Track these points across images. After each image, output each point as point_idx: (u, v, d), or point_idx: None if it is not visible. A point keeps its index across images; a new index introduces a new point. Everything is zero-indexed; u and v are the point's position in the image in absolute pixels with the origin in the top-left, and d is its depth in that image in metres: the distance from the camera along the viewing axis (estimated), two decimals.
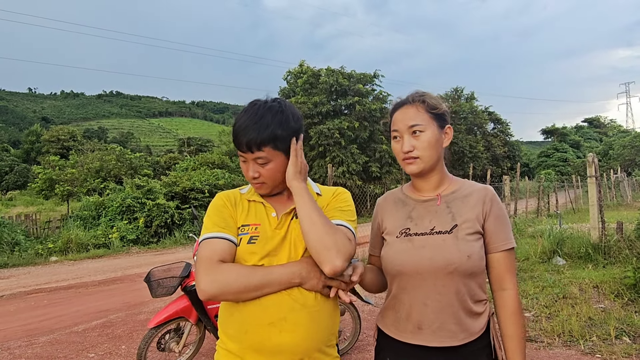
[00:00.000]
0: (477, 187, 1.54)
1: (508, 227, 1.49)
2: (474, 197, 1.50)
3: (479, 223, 1.46)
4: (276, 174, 1.41)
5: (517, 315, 1.46)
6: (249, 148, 1.36)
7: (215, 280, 1.28)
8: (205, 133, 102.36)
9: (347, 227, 1.40)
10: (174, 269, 3.82)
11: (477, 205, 1.48)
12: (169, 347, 3.75)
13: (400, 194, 1.62)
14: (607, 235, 7.19)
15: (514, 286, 1.47)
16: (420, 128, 1.45)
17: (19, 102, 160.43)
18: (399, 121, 1.49)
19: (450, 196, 1.52)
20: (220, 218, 1.42)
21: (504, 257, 1.46)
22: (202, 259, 1.32)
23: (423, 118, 1.46)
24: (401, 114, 1.49)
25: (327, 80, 24.55)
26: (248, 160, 1.40)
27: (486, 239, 1.47)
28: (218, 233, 1.37)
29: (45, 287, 8.55)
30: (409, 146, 1.45)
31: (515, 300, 1.46)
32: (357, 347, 4.21)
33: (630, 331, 4.17)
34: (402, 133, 1.47)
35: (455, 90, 46.14)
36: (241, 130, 1.37)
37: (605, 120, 79.55)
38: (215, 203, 1.48)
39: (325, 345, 1.39)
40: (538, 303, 5.23)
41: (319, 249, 1.28)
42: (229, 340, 1.37)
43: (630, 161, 41.16)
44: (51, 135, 48.46)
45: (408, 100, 1.51)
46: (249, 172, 1.41)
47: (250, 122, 1.37)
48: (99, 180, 20.92)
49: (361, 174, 23.76)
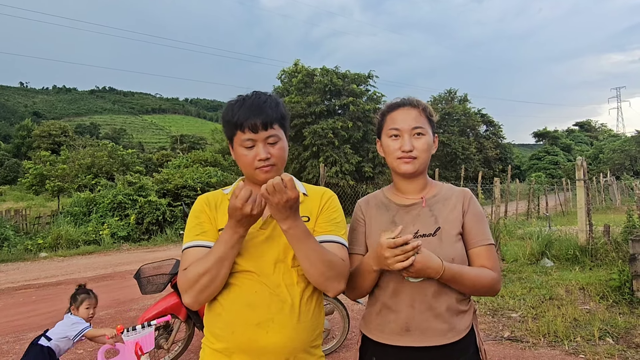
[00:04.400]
0: (456, 190, 1.59)
1: (486, 226, 1.54)
2: (454, 199, 1.55)
3: (460, 223, 1.50)
4: (284, 155, 1.45)
5: (485, 276, 1.43)
6: (264, 126, 1.37)
7: (184, 287, 1.34)
8: (199, 131, 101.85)
9: (342, 243, 1.44)
10: (164, 266, 3.84)
11: (457, 207, 1.53)
12: (158, 343, 3.76)
13: (383, 198, 1.63)
14: (594, 238, 7.29)
15: (496, 271, 1.47)
16: (422, 131, 1.50)
17: (10, 97, 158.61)
18: (400, 120, 1.51)
19: (432, 199, 1.56)
20: (197, 225, 1.44)
21: (483, 250, 1.49)
22: (179, 275, 1.39)
23: (424, 122, 1.53)
24: (403, 114, 1.52)
25: (321, 80, 24.56)
26: (258, 142, 1.39)
27: (465, 236, 1.51)
28: (193, 241, 1.41)
29: (34, 283, 8.50)
30: (410, 145, 1.49)
31: (493, 277, 1.45)
32: (345, 345, 4.24)
33: (613, 332, 4.25)
34: (404, 132, 1.50)
35: (449, 92, 46.38)
36: (253, 111, 1.38)
37: (596, 124, 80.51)
38: (194, 208, 1.50)
39: (311, 346, 1.41)
40: (525, 304, 5.30)
41: (321, 281, 1.35)
42: (215, 339, 1.38)
43: (619, 165, 41.63)
44: (42, 131, 47.95)
45: (412, 102, 1.55)
46: (260, 155, 1.38)
47: (259, 102, 1.40)
48: (90, 176, 20.81)
49: (354, 174, 23.79)
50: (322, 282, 1.35)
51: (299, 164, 24.19)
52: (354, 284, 1.50)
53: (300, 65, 25.98)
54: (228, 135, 1.47)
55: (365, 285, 1.49)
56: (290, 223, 1.30)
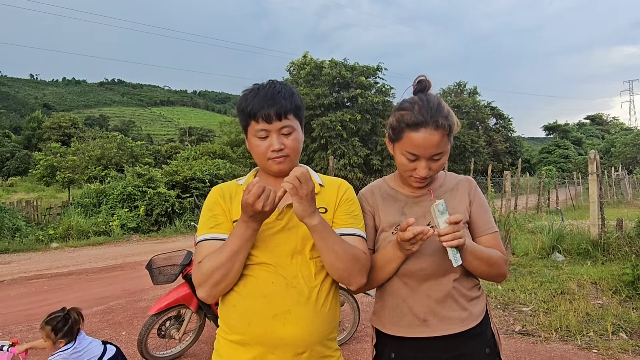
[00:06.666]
0: (460, 179, 1.59)
1: (490, 214, 1.56)
2: (460, 188, 1.55)
3: (467, 213, 1.51)
4: (299, 146, 1.43)
5: (498, 255, 1.46)
6: (278, 116, 1.36)
7: (198, 281, 1.33)
8: (207, 123, 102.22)
9: (362, 236, 1.43)
10: (175, 257, 3.85)
11: (463, 197, 1.53)
12: (169, 334, 3.78)
13: (388, 189, 1.59)
14: (606, 233, 7.20)
15: (504, 254, 1.50)
16: (442, 155, 1.43)
17: (21, 88, 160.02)
18: (420, 146, 1.38)
19: (439, 190, 1.55)
20: (211, 217, 1.43)
21: (491, 237, 1.51)
22: (193, 268, 1.39)
23: (445, 143, 1.41)
24: (424, 138, 1.37)
25: (330, 72, 24.48)
26: (272, 132, 1.38)
27: (472, 225, 1.52)
28: (207, 234, 1.40)
29: (46, 273, 8.59)
30: (426, 172, 1.42)
31: (504, 258, 1.48)
32: (356, 337, 4.24)
33: (627, 327, 4.20)
34: (422, 159, 1.41)
35: (458, 84, 46.04)
36: (267, 101, 1.36)
37: (608, 118, 79.44)
38: (208, 201, 1.48)
39: (327, 339, 1.39)
40: (536, 298, 5.25)
41: (345, 275, 1.35)
42: (230, 330, 1.37)
43: (631, 159, 41.07)
44: (52, 122, 48.39)
45: (437, 122, 1.37)
46: (273, 145, 1.37)
47: (274, 92, 1.38)
48: (100, 168, 20.94)
49: (362, 167, 23.77)
50: (347, 276, 1.35)
51: (306, 156, 24.19)
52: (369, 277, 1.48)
53: (309, 57, 25.88)
54: (242, 125, 1.45)
55: (380, 277, 1.48)
56: (318, 217, 1.28)
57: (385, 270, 1.46)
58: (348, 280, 1.36)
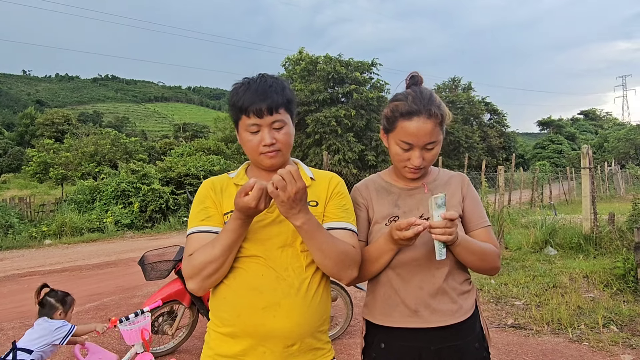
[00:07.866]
0: (453, 174, 1.62)
1: (482, 208, 1.58)
2: (453, 183, 1.58)
3: (460, 207, 1.53)
4: (290, 140, 1.43)
5: (490, 248, 1.48)
6: (269, 111, 1.35)
7: (189, 273, 1.33)
8: (201, 119, 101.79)
9: (353, 230, 1.43)
10: (168, 252, 3.84)
11: (456, 192, 1.56)
12: (162, 329, 3.78)
13: (382, 182, 1.61)
14: (598, 227, 7.26)
15: (497, 248, 1.53)
16: (434, 144, 1.45)
17: (13, 85, 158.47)
18: (413, 134, 1.41)
19: (432, 184, 1.57)
20: (202, 210, 1.42)
21: (484, 231, 1.53)
22: (183, 260, 1.38)
23: (438, 132, 1.44)
24: (418, 126, 1.40)
25: (324, 68, 24.44)
26: (263, 126, 1.37)
27: (465, 219, 1.54)
28: (198, 227, 1.40)
29: (39, 270, 8.55)
30: (420, 161, 1.45)
31: (497, 251, 1.50)
32: (348, 332, 4.25)
33: (617, 320, 4.24)
34: (415, 147, 1.43)
35: (453, 80, 46.00)
36: (258, 95, 1.35)
37: (601, 113, 79.95)
38: (199, 193, 1.48)
39: (317, 331, 1.39)
40: (528, 292, 5.29)
41: (335, 271, 1.35)
42: (221, 323, 1.37)
43: (624, 154, 41.32)
44: (45, 119, 47.99)
45: (429, 111, 1.41)
46: (265, 140, 1.37)
47: (265, 86, 1.37)
48: (94, 164, 20.81)
49: (357, 162, 23.80)
50: (336, 272, 1.35)
51: (301, 152, 24.18)
52: (361, 270, 1.49)
53: (305, 53, 25.81)
54: (234, 119, 1.45)
55: (373, 270, 1.49)
56: (303, 218, 1.26)
57: (378, 262, 1.46)
58: (338, 275, 1.37)
